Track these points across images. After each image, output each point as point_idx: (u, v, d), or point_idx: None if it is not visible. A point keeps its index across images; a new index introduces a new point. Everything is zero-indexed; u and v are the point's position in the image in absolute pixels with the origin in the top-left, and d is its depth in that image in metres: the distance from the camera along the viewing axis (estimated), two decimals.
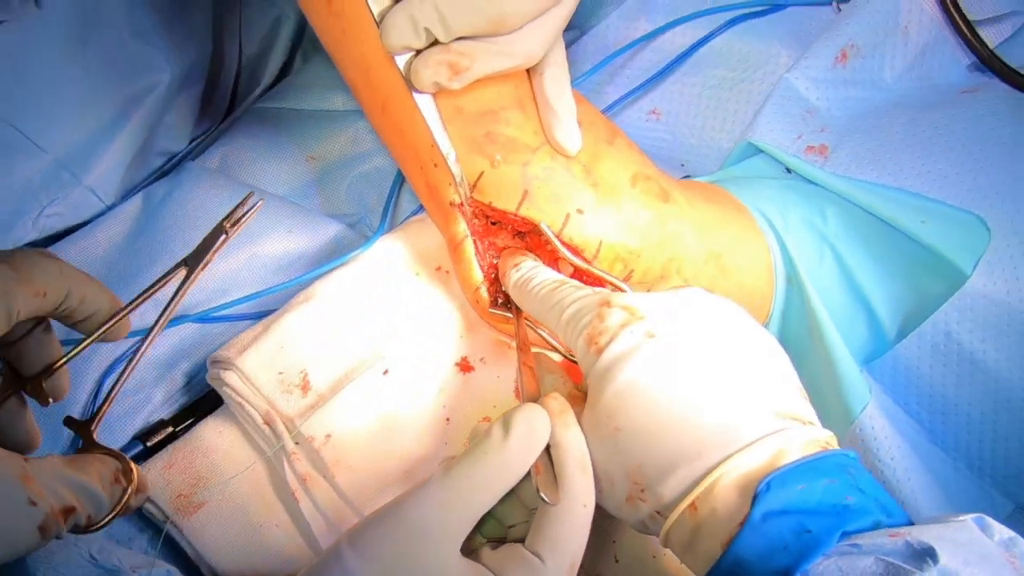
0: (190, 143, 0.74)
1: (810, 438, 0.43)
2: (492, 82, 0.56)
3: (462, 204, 0.57)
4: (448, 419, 0.56)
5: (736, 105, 0.73)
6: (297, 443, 0.54)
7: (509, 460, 0.44)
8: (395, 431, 0.55)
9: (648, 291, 0.59)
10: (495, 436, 0.45)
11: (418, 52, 0.53)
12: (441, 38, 0.52)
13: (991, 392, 0.59)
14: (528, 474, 0.46)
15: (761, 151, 0.68)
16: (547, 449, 0.46)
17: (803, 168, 0.64)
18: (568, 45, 0.76)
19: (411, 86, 0.54)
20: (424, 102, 0.55)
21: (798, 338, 0.63)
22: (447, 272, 0.61)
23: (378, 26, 0.52)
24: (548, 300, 0.51)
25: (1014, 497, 0.62)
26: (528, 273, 0.54)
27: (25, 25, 0.56)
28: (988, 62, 0.67)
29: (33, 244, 0.64)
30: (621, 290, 0.56)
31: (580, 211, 0.56)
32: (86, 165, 0.65)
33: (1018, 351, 0.58)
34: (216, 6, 0.74)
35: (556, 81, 0.56)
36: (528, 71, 0.57)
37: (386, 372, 0.56)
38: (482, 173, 0.56)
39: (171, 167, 0.71)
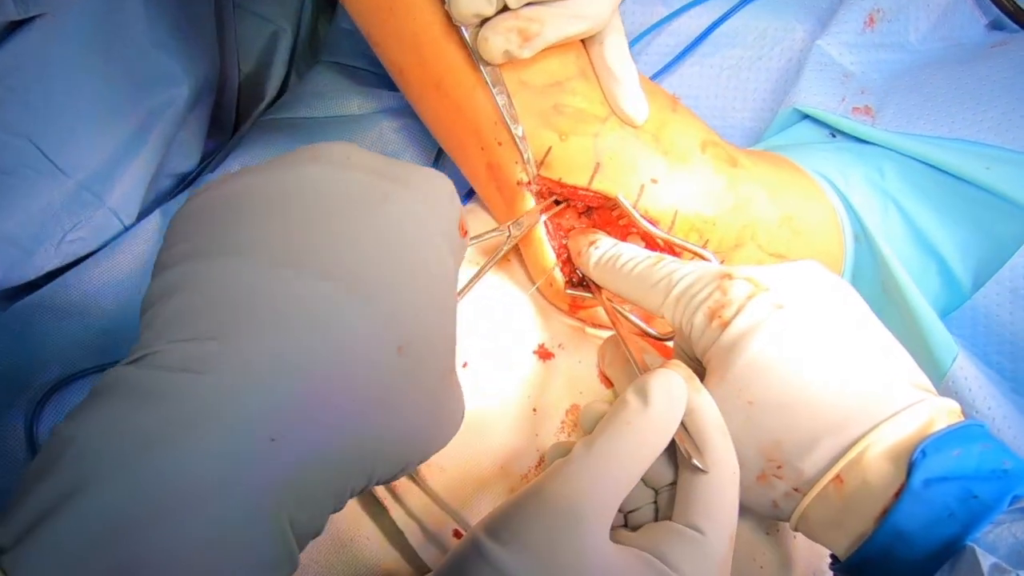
0: (200, 162, 0.68)
1: (949, 407, 0.41)
2: (555, 52, 0.52)
3: (530, 183, 0.53)
4: (535, 409, 0.51)
5: (756, 83, 0.71)
6: None
7: (653, 428, 0.40)
8: (482, 427, 0.50)
9: (723, 261, 0.55)
10: (633, 404, 0.40)
11: (484, 21, 0.49)
12: (511, 3, 0.48)
13: None
14: None
15: (803, 119, 0.65)
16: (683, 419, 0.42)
17: (854, 128, 0.62)
18: None
19: (478, 58, 0.50)
20: (487, 72, 0.51)
21: (873, 297, 0.60)
22: (508, 260, 0.57)
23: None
24: (648, 277, 0.47)
25: None
26: (612, 251, 0.50)
27: (50, 27, 0.50)
28: (1016, 15, 0.67)
29: (55, 271, 0.57)
30: (706, 259, 0.53)
31: (655, 180, 0.53)
32: (109, 185, 0.59)
33: None
34: (216, 22, 0.69)
35: (618, 48, 0.53)
36: (585, 42, 0.54)
37: (465, 365, 0.51)
38: (550, 148, 0.52)
39: (182, 188, 0.65)
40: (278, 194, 0.34)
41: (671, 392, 0.41)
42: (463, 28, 0.49)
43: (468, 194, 0.60)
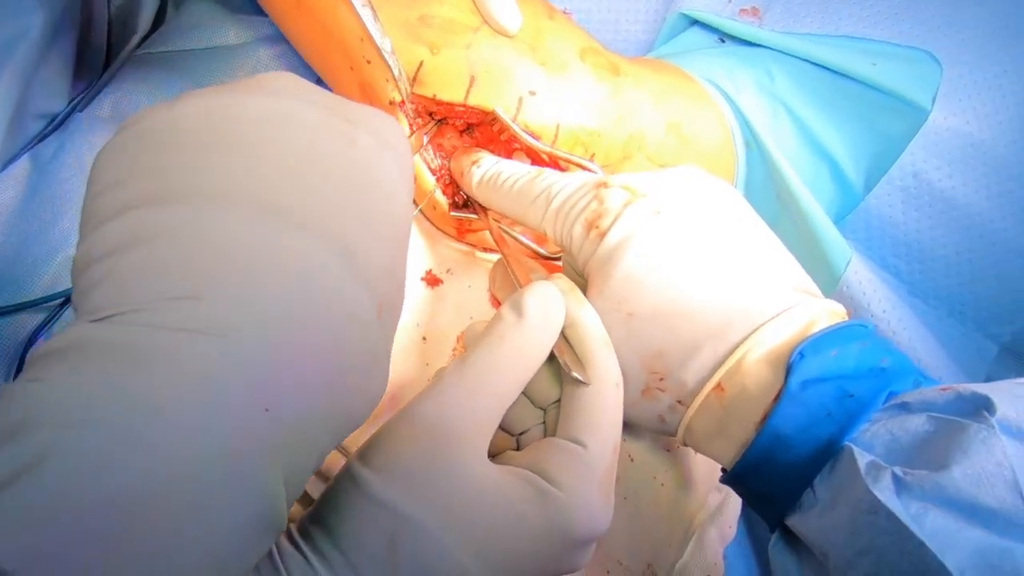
0: (69, 103, 0.62)
1: (831, 309, 0.38)
2: None
3: (403, 102, 0.48)
4: (424, 338, 0.48)
5: None
6: None
7: (529, 340, 0.37)
8: None
9: (612, 172, 0.52)
10: (507, 318, 0.37)
11: None
12: None
13: (964, 229, 0.56)
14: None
15: (692, 25, 0.61)
16: (563, 332, 0.39)
17: (741, 30, 0.58)
18: None
19: None
20: None
21: (766, 204, 0.57)
22: None
23: None
24: (528, 192, 0.43)
25: (997, 339, 0.59)
26: (494, 168, 0.46)
27: None
28: None
29: None
30: (592, 172, 0.49)
31: (533, 92, 0.48)
32: None
33: (985, 181, 0.55)
34: None
35: None
36: None
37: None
38: (422, 63, 0.47)
39: (53, 129, 0.59)
40: (239, 131, 0.30)
41: (546, 304, 0.38)
42: None
43: None
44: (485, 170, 0.46)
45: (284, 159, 0.30)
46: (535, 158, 0.50)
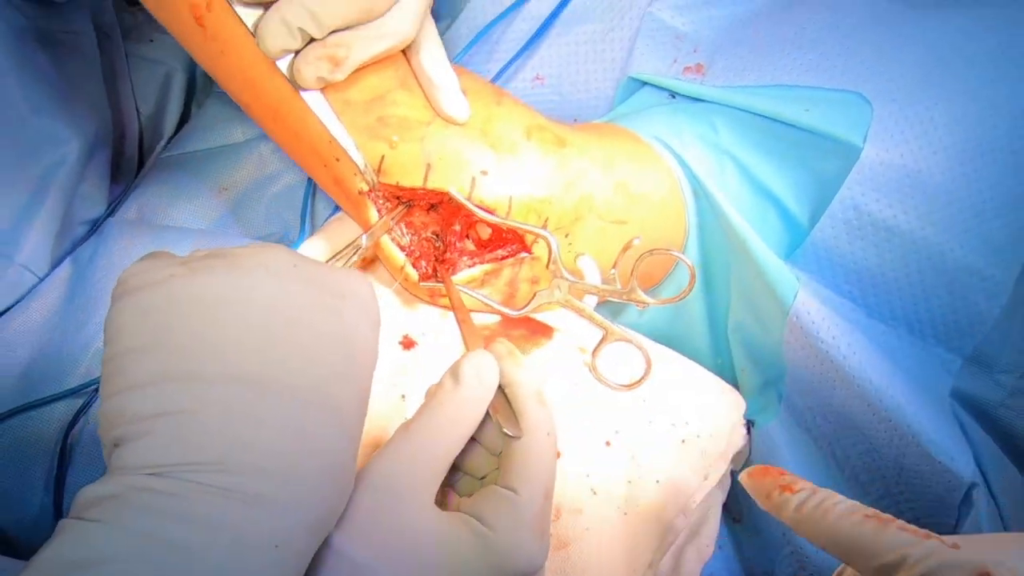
0: (108, 207, 0.70)
1: None
2: (373, 69, 0.53)
3: (371, 191, 0.54)
4: (403, 396, 0.54)
5: (612, 53, 0.71)
6: None
7: (463, 404, 0.42)
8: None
9: (567, 235, 0.57)
10: (447, 385, 0.43)
11: (297, 53, 0.51)
12: (316, 35, 0.49)
13: (910, 253, 0.58)
14: (489, 421, 0.44)
15: (644, 85, 0.66)
16: (503, 390, 0.44)
17: (685, 87, 0.63)
18: (443, 32, 0.74)
19: (297, 86, 0.51)
20: (313, 100, 0.52)
21: (720, 248, 0.61)
22: (375, 259, 0.59)
23: (254, 37, 0.50)
24: (873, 541, 0.39)
25: (959, 351, 0.61)
26: (815, 499, 0.42)
27: None
28: None
29: None
30: (541, 238, 0.54)
31: (484, 172, 0.54)
32: (16, 245, 0.62)
33: (926, 208, 0.57)
34: (106, 75, 0.71)
35: (432, 56, 0.54)
36: (405, 53, 0.55)
37: None
38: (383, 156, 0.53)
39: (90, 234, 0.68)
40: (249, 315, 0.37)
41: (480, 371, 0.43)
42: (278, 62, 0.51)
43: None
44: (802, 499, 0.43)
45: (290, 342, 0.37)
46: (494, 228, 0.55)
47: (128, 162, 0.74)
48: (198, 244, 0.62)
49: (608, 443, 0.54)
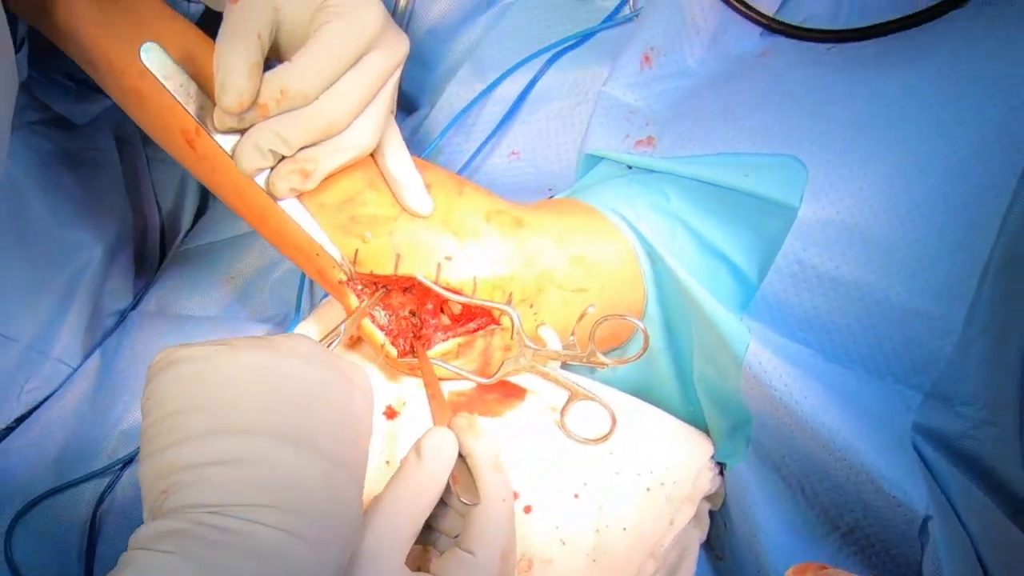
0: (134, 298, 0.78)
1: None
2: (344, 174, 0.60)
3: (349, 280, 0.61)
4: (387, 462, 0.59)
5: (580, 126, 0.77)
6: None
7: (425, 478, 0.48)
8: None
9: (531, 306, 0.62)
10: (411, 461, 0.49)
11: (272, 168, 0.57)
12: (285, 153, 0.56)
13: (857, 300, 0.62)
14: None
15: (602, 159, 0.71)
16: (465, 459, 0.50)
17: (636, 160, 0.68)
18: (423, 119, 0.81)
19: (274, 198, 0.58)
20: (291, 207, 0.59)
21: (678, 308, 0.66)
22: (360, 338, 0.65)
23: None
24: None
25: (918, 387, 0.64)
26: None
27: None
28: (773, 28, 0.71)
29: (20, 417, 0.69)
30: (505, 312, 0.60)
31: (448, 258, 0.60)
32: (50, 341, 0.70)
33: (867, 257, 0.61)
34: (128, 179, 0.79)
35: (395, 158, 0.60)
36: (373, 156, 0.62)
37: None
38: (357, 250, 0.60)
39: (116, 325, 0.76)
40: (288, 388, 0.44)
41: (439, 447, 0.49)
42: (255, 178, 0.58)
43: None
44: None
45: (317, 411, 0.45)
46: (464, 305, 0.61)
47: (151, 254, 0.82)
48: (210, 331, 0.69)
49: (576, 495, 0.59)
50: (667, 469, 0.61)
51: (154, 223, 0.82)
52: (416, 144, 0.81)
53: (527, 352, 0.61)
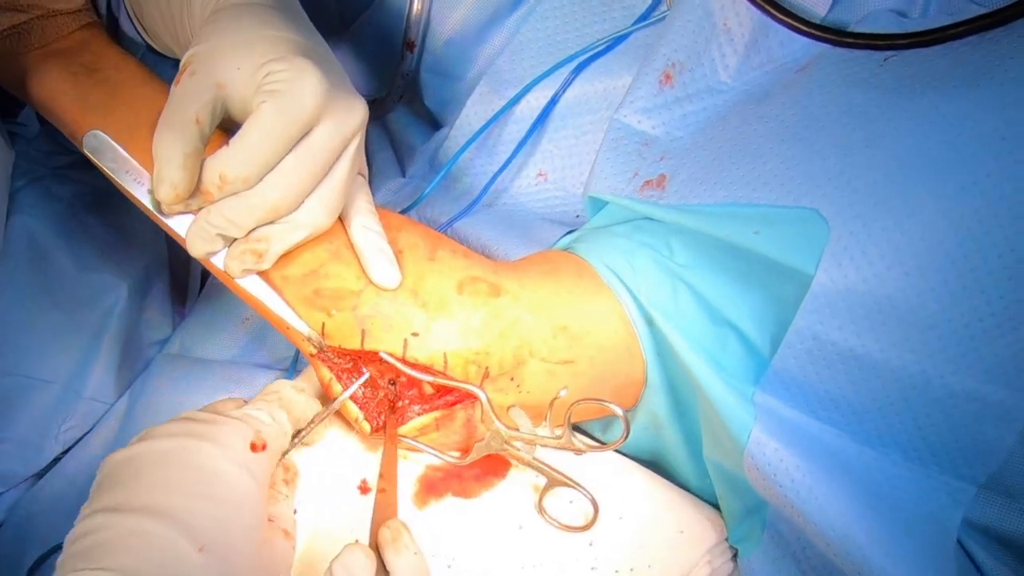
0: (174, 323, 0.82)
1: None
2: (307, 246, 0.58)
3: (319, 352, 0.59)
4: (356, 540, 0.59)
5: None
6: None
7: None
8: (313, 564, 0.58)
9: (512, 379, 0.58)
10: None
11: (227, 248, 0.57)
12: (236, 235, 0.55)
13: (892, 382, 0.53)
14: None
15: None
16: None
17: (638, 208, 0.61)
18: (442, 142, 0.77)
19: (232, 277, 0.58)
20: (252, 284, 0.58)
21: (682, 375, 0.60)
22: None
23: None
24: None
25: (971, 478, 0.55)
26: None
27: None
28: (816, 37, 0.60)
29: (57, 458, 0.74)
30: (472, 396, 0.57)
31: (415, 334, 0.57)
32: (84, 380, 0.75)
33: (902, 334, 0.52)
34: None
35: (361, 229, 0.58)
36: (341, 222, 0.59)
37: (296, 511, 0.59)
38: (323, 324, 0.58)
39: (144, 368, 0.79)
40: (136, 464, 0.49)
41: (352, 571, 0.47)
42: (211, 259, 0.57)
43: None
44: None
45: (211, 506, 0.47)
46: (432, 383, 0.58)
47: (192, 282, 0.85)
48: (222, 375, 0.71)
49: None
50: (650, 567, 0.56)
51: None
52: (437, 167, 0.77)
53: (498, 435, 0.57)
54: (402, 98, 0.87)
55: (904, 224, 0.51)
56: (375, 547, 0.50)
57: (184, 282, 0.85)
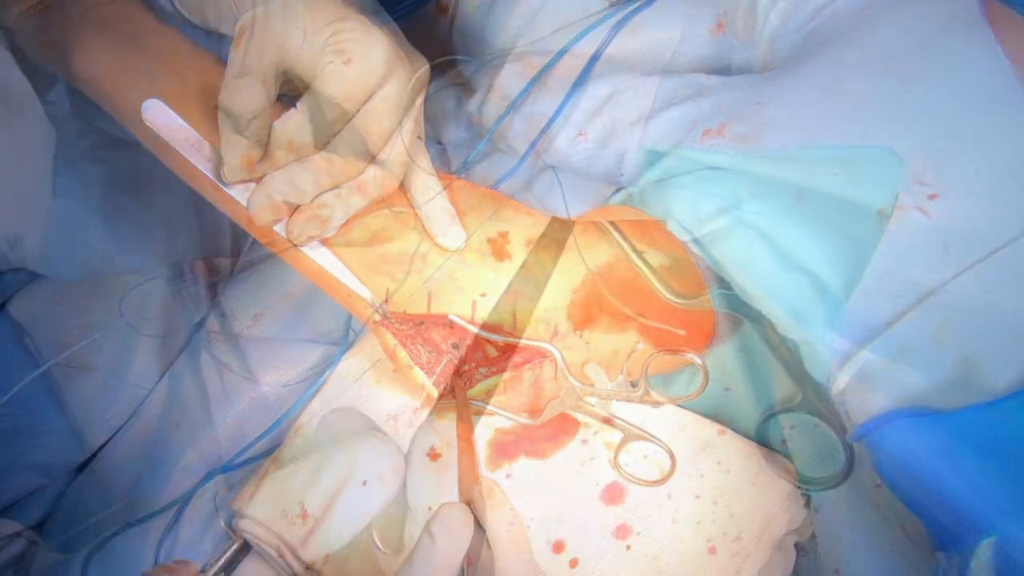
0: (208, 311, 0.80)
1: None
2: (368, 211, 0.57)
3: (384, 320, 0.59)
4: (430, 508, 0.58)
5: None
6: (307, 568, 0.57)
7: (438, 560, 0.46)
8: (393, 528, 0.58)
9: (581, 336, 0.58)
10: (424, 541, 0.47)
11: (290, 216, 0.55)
12: (301, 202, 0.54)
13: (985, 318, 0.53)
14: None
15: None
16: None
17: (703, 157, 0.60)
18: (479, 107, 0.75)
19: (296, 246, 0.57)
20: (316, 251, 0.57)
21: (749, 327, 0.59)
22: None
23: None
24: None
25: None
26: None
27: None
28: None
29: (104, 444, 0.73)
30: (541, 354, 0.56)
31: (483, 294, 0.56)
32: (126, 367, 0.74)
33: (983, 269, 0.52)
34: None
35: (423, 190, 0.57)
36: (402, 187, 0.58)
37: (365, 483, 0.58)
38: (388, 290, 0.57)
39: (184, 346, 0.78)
40: None
41: (452, 528, 0.47)
42: (275, 228, 0.56)
43: None
44: None
45: None
46: (503, 345, 0.58)
47: (224, 263, 0.83)
48: (267, 351, 0.70)
49: (629, 547, 0.56)
50: (732, 517, 0.56)
51: (224, 229, 0.83)
52: (474, 131, 0.76)
53: (572, 392, 0.57)
54: (435, 63, 0.85)
55: (981, 159, 0.51)
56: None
57: (217, 263, 0.83)
